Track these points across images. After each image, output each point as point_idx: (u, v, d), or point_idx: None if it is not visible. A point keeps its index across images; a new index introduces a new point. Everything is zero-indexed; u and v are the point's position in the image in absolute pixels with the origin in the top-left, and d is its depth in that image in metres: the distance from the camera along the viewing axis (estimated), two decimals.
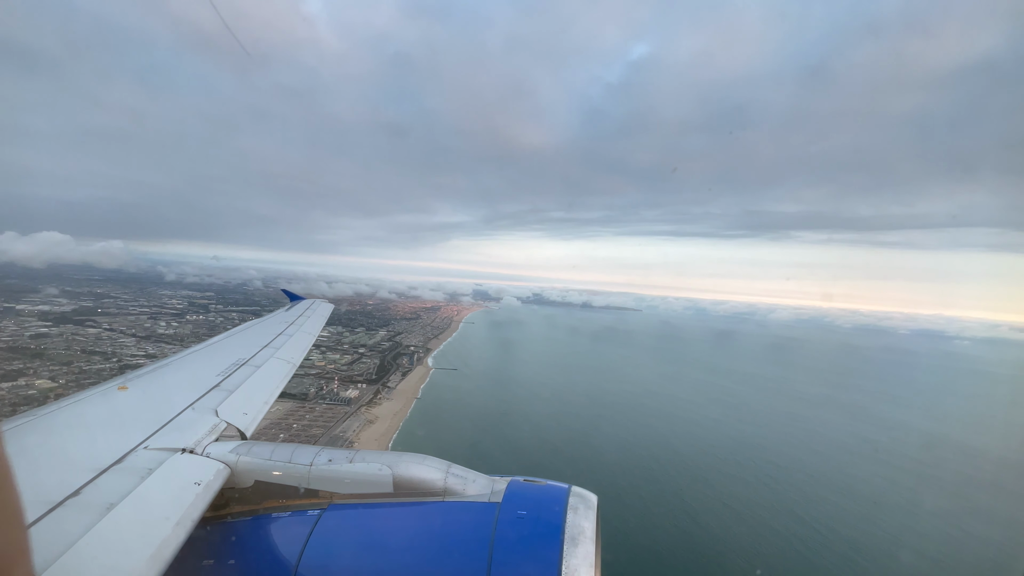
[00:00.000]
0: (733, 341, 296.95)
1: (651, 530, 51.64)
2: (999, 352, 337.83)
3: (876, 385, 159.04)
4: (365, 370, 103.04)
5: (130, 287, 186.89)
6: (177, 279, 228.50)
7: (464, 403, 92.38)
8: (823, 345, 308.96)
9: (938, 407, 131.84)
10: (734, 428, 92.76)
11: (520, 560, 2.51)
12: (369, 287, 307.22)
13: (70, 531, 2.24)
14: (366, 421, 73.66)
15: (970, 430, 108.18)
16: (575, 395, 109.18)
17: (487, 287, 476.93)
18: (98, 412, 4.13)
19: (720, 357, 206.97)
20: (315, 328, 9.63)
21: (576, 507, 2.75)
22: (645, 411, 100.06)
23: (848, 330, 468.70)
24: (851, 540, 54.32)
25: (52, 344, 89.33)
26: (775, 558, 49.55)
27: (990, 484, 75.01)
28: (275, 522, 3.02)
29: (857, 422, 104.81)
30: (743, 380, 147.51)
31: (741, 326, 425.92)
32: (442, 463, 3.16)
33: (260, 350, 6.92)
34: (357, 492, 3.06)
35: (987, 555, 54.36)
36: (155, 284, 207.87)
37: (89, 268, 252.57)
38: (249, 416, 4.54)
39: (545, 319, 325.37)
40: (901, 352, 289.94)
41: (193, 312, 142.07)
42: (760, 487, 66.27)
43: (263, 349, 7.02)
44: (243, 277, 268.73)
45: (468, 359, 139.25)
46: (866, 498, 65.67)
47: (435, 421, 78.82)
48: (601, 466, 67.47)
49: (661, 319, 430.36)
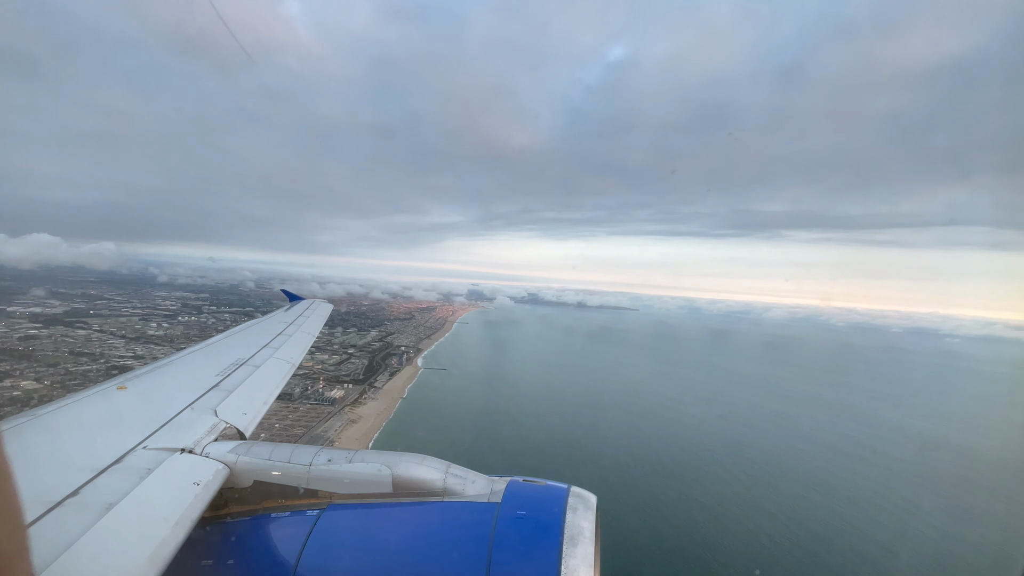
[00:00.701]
0: (726, 340, 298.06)
1: (620, 528, 52.62)
2: (992, 350, 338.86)
3: (864, 383, 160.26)
4: (353, 370, 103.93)
5: (125, 289, 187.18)
6: (170, 280, 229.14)
7: (450, 403, 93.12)
8: (816, 343, 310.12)
9: (924, 404, 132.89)
10: (717, 426, 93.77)
11: (519, 560, 2.52)
12: (362, 288, 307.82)
13: (69, 531, 2.23)
14: (348, 421, 74.61)
15: (956, 427, 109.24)
16: (562, 394, 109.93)
17: (483, 287, 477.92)
18: (97, 412, 4.16)
19: (711, 356, 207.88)
20: (314, 328, 9.71)
21: (575, 507, 2.78)
22: (631, 410, 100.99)
23: (842, 329, 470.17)
24: (818, 535, 55.39)
25: (41, 346, 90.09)
26: (742, 555, 50.60)
27: (973, 481, 75.77)
28: (274, 522, 3.05)
29: (839, 419, 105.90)
30: (731, 379, 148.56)
31: (736, 325, 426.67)
32: (441, 463, 3.19)
33: (259, 350, 6.99)
34: (356, 492, 3.09)
35: (967, 554, 54.70)
36: (149, 286, 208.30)
37: (81, 270, 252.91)
38: (248, 416, 4.58)
39: (539, 319, 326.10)
40: (893, 350, 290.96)
41: (185, 313, 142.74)
42: (735, 484, 67.34)
43: (262, 349, 7.08)
44: (237, 278, 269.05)
45: (458, 359, 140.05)
46: (840, 495, 66.73)
47: (418, 420, 79.57)
48: (579, 464, 68.42)
49: (656, 319, 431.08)
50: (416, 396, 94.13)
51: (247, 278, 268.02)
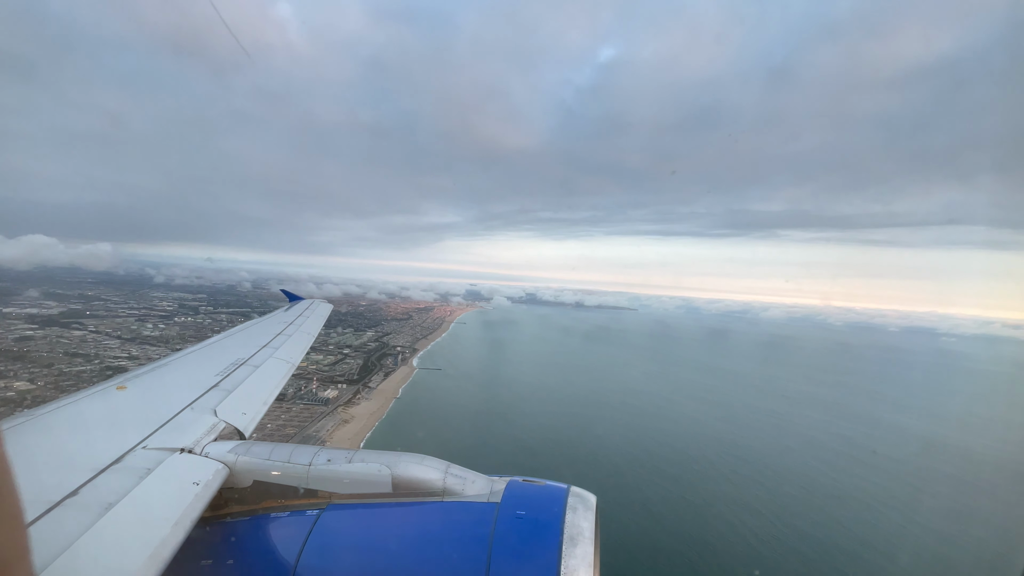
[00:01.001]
0: (723, 339, 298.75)
1: (616, 528, 53.09)
2: (989, 349, 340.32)
3: (857, 381, 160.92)
4: (347, 370, 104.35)
5: (122, 290, 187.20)
6: (168, 281, 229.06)
7: (443, 402, 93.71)
8: (812, 343, 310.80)
9: (917, 403, 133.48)
10: (709, 426, 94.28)
11: (519, 560, 2.53)
12: (360, 288, 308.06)
13: (68, 531, 2.23)
14: (341, 421, 75.03)
15: (950, 426, 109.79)
16: (556, 394, 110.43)
17: (481, 287, 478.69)
18: (96, 412, 4.16)
19: (706, 355, 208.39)
20: (314, 328, 9.73)
21: (575, 507, 2.78)
22: (625, 409, 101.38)
23: (840, 328, 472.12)
24: (801, 532, 55.94)
25: (35, 347, 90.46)
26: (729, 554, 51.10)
27: (966, 482, 76.09)
28: (274, 522, 3.06)
29: (832, 418, 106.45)
30: (725, 377, 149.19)
31: (734, 324, 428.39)
32: (441, 463, 3.20)
33: (259, 350, 6.98)
34: (356, 492, 3.09)
35: (963, 556, 54.90)
36: (147, 286, 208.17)
37: (77, 271, 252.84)
38: (248, 416, 4.59)
39: (537, 319, 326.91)
40: (889, 349, 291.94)
41: (182, 314, 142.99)
42: (724, 482, 67.89)
43: (262, 349, 7.08)
44: (234, 279, 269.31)
45: (454, 359, 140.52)
46: (827, 493, 67.30)
47: (411, 421, 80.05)
48: (571, 462, 68.83)
49: (654, 318, 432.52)
50: (410, 396, 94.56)
51: (244, 279, 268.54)
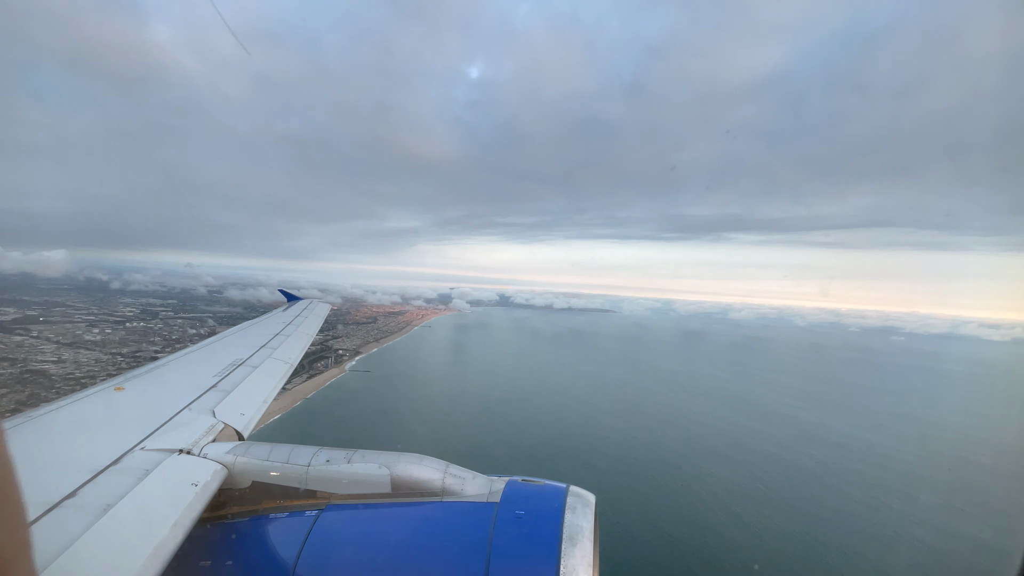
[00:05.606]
0: (695, 340, 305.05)
1: None
2: (948, 347, 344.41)
3: (788, 379, 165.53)
4: None
5: (92, 296, 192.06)
6: (142, 287, 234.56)
7: (353, 404, 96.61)
8: (772, 343, 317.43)
9: (856, 401, 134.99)
10: (623, 421, 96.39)
11: (518, 560, 2.53)
12: (323, 292, 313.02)
13: (68, 532, 2.22)
14: None
15: (865, 422, 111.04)
16: (476, 395, 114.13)
17: (457, 290, 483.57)
18: (95, 413, 4.16)
19: (644, 355, 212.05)
20: (312, 328, 9.80)
21: (574, 507, 2.78)
22: (551, 408, 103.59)
23: (801, 327, 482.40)
24: (715, 529, 57.42)
25: None
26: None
27: (873, 477, 77.07)
28: (273, 522, 3.06)
29: (763, 413, 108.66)
30: (658, 376, 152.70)
31: (703, 325, 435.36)
32: (440, 463, 3.22)
33: (257, 350, 7.05)
34: (355, 492, 3.10)
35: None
36: (119, 292, 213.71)
37: (30, 277, 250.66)
38: (246, 417, 4.61)
39: (513, 322, 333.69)
40: (845, 348, 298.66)
41: (138, 319, 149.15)
42: (630, 475, 70.05)
43: (260, 349, 7.14)
44: (200, 284, 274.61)
45: (395, 362, 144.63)
46: (737, 488, 68.72)
47: (309, 421, 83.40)
48: (471, 463, 73.62)
49: (623, 319, 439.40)
50: (323, 397, 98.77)
51: (211, 284, 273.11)
